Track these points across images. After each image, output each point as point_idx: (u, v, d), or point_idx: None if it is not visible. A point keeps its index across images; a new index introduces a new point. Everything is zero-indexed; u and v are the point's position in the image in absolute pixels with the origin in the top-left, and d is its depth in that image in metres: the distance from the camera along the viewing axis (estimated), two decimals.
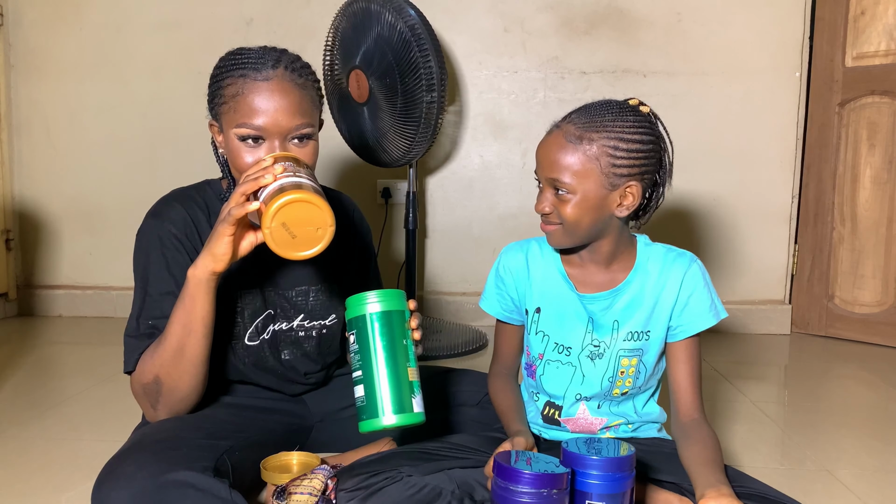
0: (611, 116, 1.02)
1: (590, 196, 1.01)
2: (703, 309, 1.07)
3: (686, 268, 1.08)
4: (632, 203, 1.03)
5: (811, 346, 2.38)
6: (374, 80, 1.89)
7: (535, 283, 1.14)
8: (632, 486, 0.91)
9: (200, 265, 0.98)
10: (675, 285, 1.08)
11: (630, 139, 1.01)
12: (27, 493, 1.19)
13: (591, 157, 1.00)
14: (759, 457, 1.40)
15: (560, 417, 1.13)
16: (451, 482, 1.01)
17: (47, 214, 2.65)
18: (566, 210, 1.02)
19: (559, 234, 1.06)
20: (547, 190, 1.05)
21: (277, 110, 1.02)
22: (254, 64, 1.04)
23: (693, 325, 1.08)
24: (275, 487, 1.00)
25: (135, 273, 1.09)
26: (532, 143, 2.51)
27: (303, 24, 2.48)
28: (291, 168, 0.97)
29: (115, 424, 1.48)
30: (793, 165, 2.49)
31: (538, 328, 1.13)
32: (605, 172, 1.01)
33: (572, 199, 1.02)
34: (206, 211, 1.12)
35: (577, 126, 1.02)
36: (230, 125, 1.04)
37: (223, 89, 1.05)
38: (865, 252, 2.35)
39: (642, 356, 1.09)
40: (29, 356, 2.10)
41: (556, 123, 1.06)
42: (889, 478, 1.32)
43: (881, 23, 2.27)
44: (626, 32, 2.46)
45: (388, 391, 0.94)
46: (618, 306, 1.09)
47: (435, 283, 2.59)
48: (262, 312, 1.16)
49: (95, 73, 2.56)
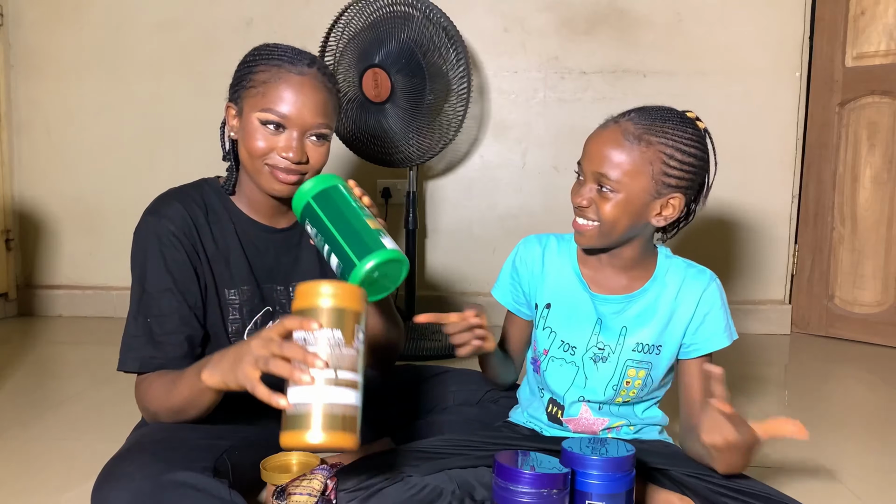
0: (672, 124, 1.00)
1: (633, 199, 0.99)
2: (719, 329, 1.07)
3: (705, 286, 1.07)
4: (671, 214, 1.02)
5: (811, 346, 2.38)
6: (399, 80, 1.91)
7: (549, 278, 1.13)
8: (632, 486, 0.91)
9: (217, 378, 0.90)
10: (692, 302, 1.07)
11: (686, 151, 1.00)
12: (27, 493, 1.19)
13: (646, 159, 0.98)
14: (759, 457, 1.40)
15: (563, 417, 1.13)
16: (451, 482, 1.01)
17: (47, 214, 2.65)
18: (606, 208, 1.00)
19: (593, 232, 1.03)
20: (590, 183, 1.01)
21: (305, 105, 1.05)
22: (290, 58, 1.07)
23: (707, 345, 1.07)
24: (274, 487, 1.00)
25: (132, 271, 1.09)
26: (532, 142, 2.52)
27: (303, 24, 2.48)
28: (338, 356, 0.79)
29: (115, 424, 1.48)
30: (793, 165, 2.49)
31: (546, 323, 1.13)
32: (656, 179, 0.99)
33: (615, 198, 0.99)
34: (203, 209, 1.12)
35: (638, 126, 0.99)
36: (254, 108, 1.06)
37: (254, 74, 1.07)
38: (865, 252, 2.35)
39: (651, 370, 1.09)
40: (29, 356, 2.10)
41: (613, 118, 1.03)
42: (889, 478, 1.32)
43: (881, 23, 2.27)
44: (626, 32, 2.45)
45: (355, 241, 0.93)
46: (629, 313, 1.08)
47: (435, 283, 2.59)
48: (261, 309, 1.16)
49: (95, 73, 2.56)
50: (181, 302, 1.06)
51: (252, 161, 1.08)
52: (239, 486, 0.97)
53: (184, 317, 1.06)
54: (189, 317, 1.07)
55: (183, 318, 1.06)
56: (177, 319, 1.06)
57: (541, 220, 2.51)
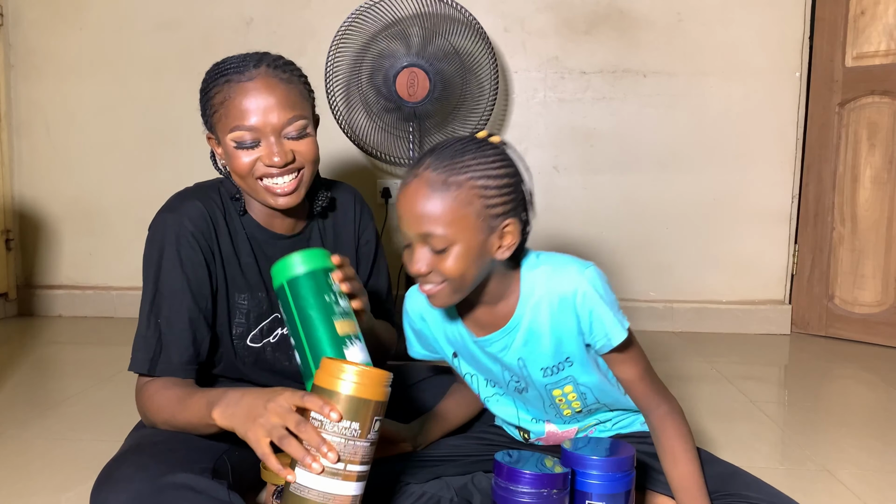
0: (471, 154, 0.90)
1: (471, 245, 0.89)
2: (609, 323, 0.95)
3: (574, 287, 0.95)
4: (512, 242, 0.93)
5: (811, 346, 2.38)
6: (438, 82, 1.95)
7: (439, 333, 1.08)
8: (632, 486, 0.91)
9: (226, 423, 0.89)
10: (569, 309, 0.95)
11: (497, 174, 0.91)
12: (27, 493, 1.19)
13: (463, 201, 0.88)
14: (759, 457, 1.40)
15: (531, 439, 1.12)
16: (448, 489, 1.01)
17: (47, 214, 2.65)
18: (447, 265, 0.89)
19: (445, 293, 0.92)
20: (419, 248, 0.90)
21: (266, 107, 1.02)
22: (236, 68, 1.04)
23: (607, 343, 0.96)
24: (275, 487, 1.00)
25: (145, 268, 1.07)
26: (532, 142, 2.52)
27: (303, 24, 2.48)
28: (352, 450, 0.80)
29: (115, 424, 1.48)
30: (793, 165, 2.49)
31: (463, 371, 1.10)
32: (481, 216, 0.89)
33: (452, 252, 0.89)
34: (222, 209, 1.12)
35: (438, 171, 0.89)
36: (224, 132, 1.05)
37: (212, 98, 1.06)
38: (865, 252, 2.35)
39: (575, 380, 1.01)
40: (29, 356, 2.10)
41: (412, 172, 0.91)
42: (889, 478, 1.32)
43: (881, 23, 2.27)
44: (626, 32, 2.45)
45: (317, 348, 0.90)
46: (516, 344, 1.00)
47: None
48: (269, 315, 1.15)
49: (95, 73, 2.56)
50: (192, 305, 1.05)
51: (244, 181, 1.06)
52: (238, 486, 0.97)
53: (194, 320, 1.06)
54: (199, 321, 1.06)
55: (193, 321, 1.05)
56: (187, 322, 1.05)
57: (541, 220, 2.49)
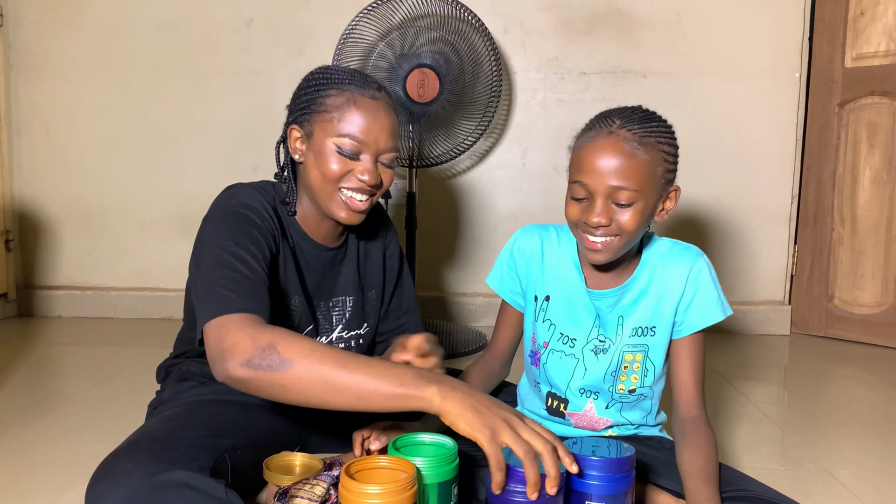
0: (657, 122, 1.00)
1: (649, 203, 0.99)
2: (710, 304, 1.07)
3: (692, 263, 1.07)
4: (671, 207, 1.03)
5: (811, 346, 2.38)
6: (448, 83, 1.96)
7: (548, 271, 1.13)
8: (632, 486, 0.91)
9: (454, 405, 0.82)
10: (680, 281, 1.06)
11: (675, 143, 1.01)
12: (27, 494, 1.19)
13: (654, 163, 0.97)
14: (759, 457, 1.40)
15: (566, 410, 1.13)
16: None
17: (47, 214, 2.65)
18: (627, 220, 0.98)
19: (615, 246, 1.00)
20: (602, 201, 0.97)
21: (382, 129, 1.08)
22: (359, 82, 1.09)
23: (698, 322, 1.07)
24: (276, 488, 1.00)
25: (206, 228, 1.04)
26: (532, 143, 2.52)
27: (303, 24, 2.48)
28: None
29: (115, 425, 1.48)
30: (792, 166, 2.49)
31: (546, 316, 1.12)
32: (662, 178, 0.99)
33: (634, 208, 0.97)
34: (275, 211, 1.12)
35: (633, 132, 0.97)
36: (328, 133, 1.07)
37: (325, 98, 1.08)
38: (865, 253, 2.35)
39: (648, 352, 1.09)
40: (29, 356, 2.10)
41: (603, 130, 0.98)
42: (889, 478, 1.32)
43: (881, 23, 2.27)
44: (625, 33, 2.46)
45: None
46: (624, 302, 1.09)
47: (435, 284, 2.59)
48: (308, 325, 1.17)
49: (95, 74, 2.56)
50: (264, 270, 0.99)
51: (324, 184, 1.08)
52: (239, 485, 0.97)
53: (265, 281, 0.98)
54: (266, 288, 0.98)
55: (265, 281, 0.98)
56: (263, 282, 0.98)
57: (541, 220, 2.49)
